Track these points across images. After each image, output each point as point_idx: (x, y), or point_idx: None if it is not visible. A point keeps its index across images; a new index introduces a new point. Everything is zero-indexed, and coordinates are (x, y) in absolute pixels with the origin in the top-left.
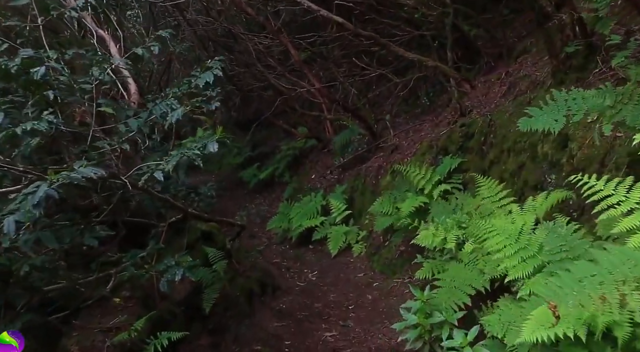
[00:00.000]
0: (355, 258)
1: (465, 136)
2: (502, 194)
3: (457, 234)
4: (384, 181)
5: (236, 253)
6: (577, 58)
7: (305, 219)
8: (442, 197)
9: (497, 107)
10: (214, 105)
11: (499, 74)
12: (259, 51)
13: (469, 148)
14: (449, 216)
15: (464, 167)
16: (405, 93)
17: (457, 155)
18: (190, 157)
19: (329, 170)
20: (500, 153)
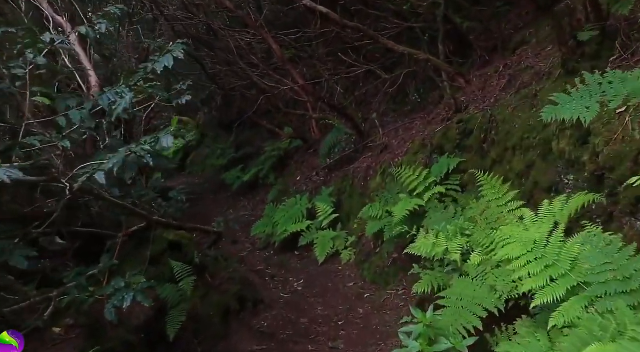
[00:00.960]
0: (344, 265)
1: (463, 133)
2: (509, 196)
3: (460, 244)
4: (374, 183)
5: (213, 264)
6: (590, 45)
7: (291, 223)
8: (438, 200)
9: (498, 102)
10: (184, 99)
11: (496, 68)
12: (241, 48)
13: (467, 146)
14: (449, 221)
15: (462, 168)
16: (394, 90)
17: (454, 154)
18: (139, 154)
19: (315, 171)
20: (503, 151)
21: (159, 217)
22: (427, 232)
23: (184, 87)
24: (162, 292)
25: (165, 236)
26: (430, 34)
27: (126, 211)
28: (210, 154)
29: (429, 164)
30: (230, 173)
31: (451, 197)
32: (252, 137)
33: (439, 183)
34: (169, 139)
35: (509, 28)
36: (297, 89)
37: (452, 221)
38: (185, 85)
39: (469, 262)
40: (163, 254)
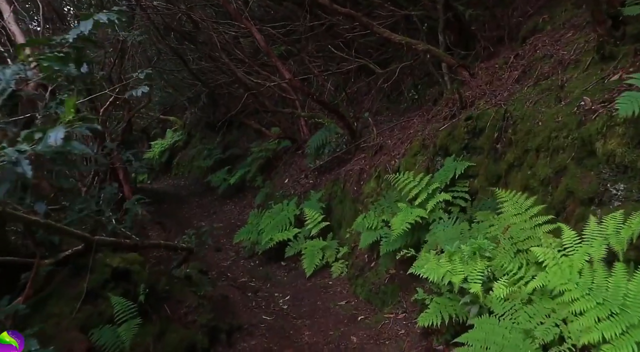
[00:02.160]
0: (334, 280)
1: (472, 132)
2: (535, 209)
3: (480, 270)
4: (367, 187)
5: (180, 288)
6: (634, 23)
7: (277, 231)
8: (443, 210)
9: (513, 96)
10: (139, 91)
11: (504, 58)
12: (225, 42)
13: (477, 147)
14: (463, 239)
15: (470, 172)
16: (388, 87)
17: (461, 156)
18: (8, 160)
19: (304, 174)
20: (523, 153)
21: (106, 236)
22: (434, 250)
23: (142, 75)
24: (99, 337)
25: (109, 262)
26: (430, 24)
27: (52, 230)
28: (197, 155)
29: (432, 167)
30: (216, 175)
31: (458, 206)
32: (240, 138)
33: (443, 190)
34: (59, 134)
35: (516, 15)
36: (285, 86)
37: (466, 239)
38: (143, 74)
39: (492, 294)
40: (105, 285)
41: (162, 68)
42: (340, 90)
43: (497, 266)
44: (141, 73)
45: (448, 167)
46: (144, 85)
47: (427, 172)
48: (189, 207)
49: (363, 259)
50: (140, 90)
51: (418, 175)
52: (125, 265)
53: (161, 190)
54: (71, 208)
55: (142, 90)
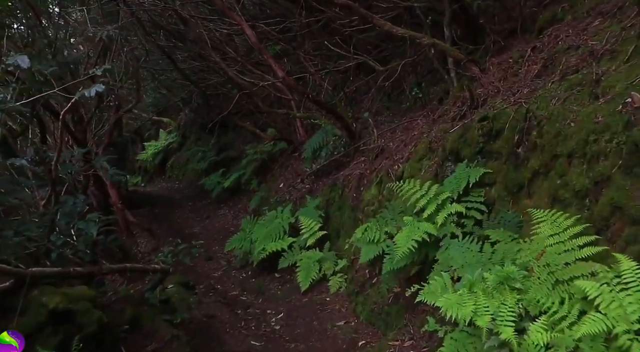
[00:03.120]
0: (332, 296)
1: (488, 135)
2: (576, 229)
3: (511, 306)
4: (368, 195)
5: (151, 318)
6: None
7: (270, 240)
8: (456, 224)
9: (535, 92)
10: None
11: (520, 52)
12: (216, 40)
13: (493, 152)
14: (485, 264)
15: (486, 180)
16: (389, 86)
17: (476, 162)
18: None
19: (300, 178)
20: (551, 159)
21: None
22: (446, 271)
23: (99, 71)
24: None
25: (46, 301)
26: (434, 17)
27: None
28: (191, 157)
29: (441, 174)
30: (210, 178)
31: (472, 219)
32: (235, 139)
33: (455, 200)
34: None
35: (530, 6)
36: (279, 85)
37: (489, 264)
38: (101, 70)
39: (527, 339)
40: (41, 330)
41: (152, 68)
42: (338, 90)
43: (531, 300)
44: (98, 69)
45: (460, 174)
46: (99, 83)
47: (435, 180)
48: (182, 212)
49: (364, 274)
50: (93, 90)
51: (425, 182)
52: (67, 303)
53: (154, 193)
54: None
55: (95, 90)
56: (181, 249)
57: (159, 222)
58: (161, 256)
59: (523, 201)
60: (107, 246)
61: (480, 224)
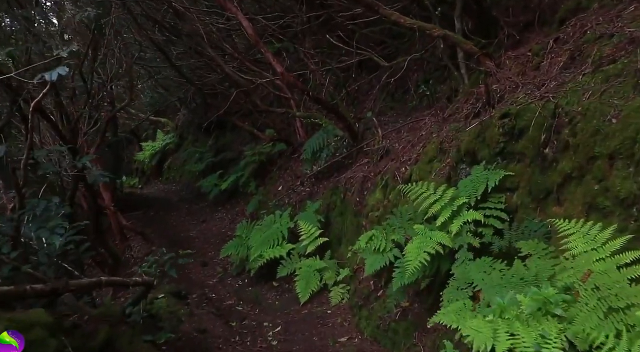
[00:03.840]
0: (333, 308)
1: (510, 134)
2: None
3: (554, 339)
4: (372, 199)
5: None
6: None
7: (267, 247)
8: (473, 234)
9: (563, 86)
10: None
11: (540, 44)
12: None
13: (516, 153)
14: (516, 286)
15: (507, 184)
16: (392, 84)
17: (495, 163)
18: None
19: (299, 180)
20: (587, 161)
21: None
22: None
23: (64, 53)
24: None
25: None
26: (444, 9)
27: None
28: (188, 159)
29: (454, 177)
30: (207, 180)
31: (491, 228)
32: (234, 140)
33: (472, 206)
34: None
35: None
36: (279, 83)
37: (519, 284)
38: (66, 52)
39: None
40: None
41: (148, 65)
42: (340, 89)
43: (577, 332)
44: (64, 51)
45: (477, 177)
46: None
47: (448, 183)
48: (178, 215)
49: (368, 285)
50: (55, 73)
51: (439, 187)
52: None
53: (151, 195)
54: None
55: (58, 73)
56: (167, 259)
57: (154, 226)
58: (145, 266)
59: (551, 208)
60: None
61: (501, 234)
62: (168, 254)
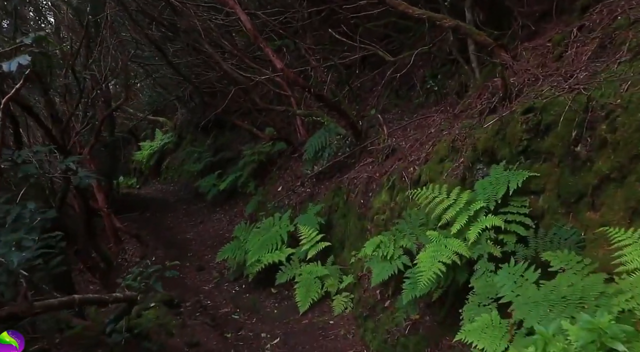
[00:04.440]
0: (336, 318)
1: (535, 130)
2: None
3: None
4: (378, 201)
5: None
6: None
7: (266, 251)
8: (494, 242)
9: (596, 77)
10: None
11: (561, 34)
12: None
13: (541, 151)
14: (555, 306)
15: (532, 186)
16: (397, 82)
17: (517, 163)
18: None
19: (300, 181)
20: (629, 160)
21: None
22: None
23: (28, 40)
24: None
25: None
26: (453, 1)
27: None
28: (187, 158)
29: (469, 178)
30: (205, 180)
31: (514, 235)
32: (233, 140)
33: (491, 211)
34: None
35: None
36: (279, 80)
37: (562, 306)
38: (30, 38)
39: None
40: None
41: (144, 63)
42: (343, 85)
43: None
44: (28, 37)
45: (497, 178)
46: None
47: (462, 185)
48: (175, 216)
49: (374, 294)
50: (15, 62)
51: (453, 190)
52: None
53: (148, 196)
54: None
55: (18, 62)
56: (152, 271)
57: (150, 227)
58: (129, 278)
59: (584, 213)
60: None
61: (526, 242)
62: (154, 266)
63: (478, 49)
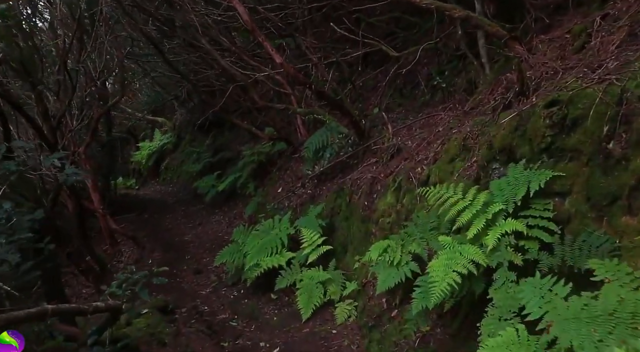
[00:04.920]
0: (339, 327)
1: (560, 126)
2: None
3: None
4: (383, 203)
5: None
6: None
7: (265, 255)
8: (514, 249)
9: (629, 66)
10: None
11: (582, 25)
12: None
13: (567, 149)
14: (602, 326)
15: (556, 187)
16: (400, 80)
17: (540, 161)
18: None
19: (300, 182)
20: None
21: None
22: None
23: None
24: None
25: None
26: None
27: None
28: (186, 159)
29: (484, 178)
30: (204, 181)
31: (537, 241)
32: (232, 140)
33: (510, 214)
34: None
35: None
36: (279, 78)
37: (608, 323)
38: None
39: None
40: None
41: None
42: (345, 83)
43: None
44: None
45: (516, 178)
46: None
47: (476, 185)
48: (174, 217)
49: (379, 303)
50: None
51: (469, 190)
52: None
53: (146, 197)
54: None
55: None
56: (137, 278)
57: (148, 229)
58: (113, 286)
59: (619, 218)
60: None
61: (550, 250)
62: (140, 272)
63: (489, 43)
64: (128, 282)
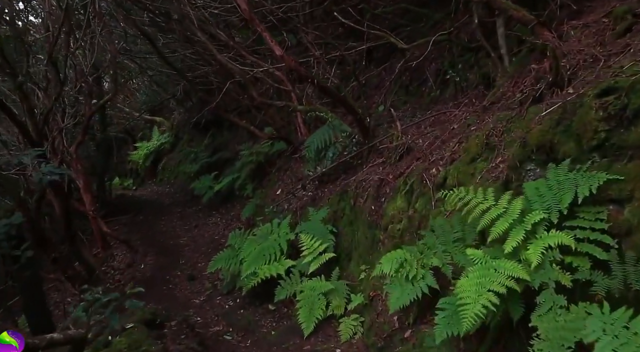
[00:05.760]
0: (343, 346)
1: (616, 119)
2: None
3: None
4: (392, 207)
5: None
6: None
7: (263, 262)
8: (561, 266)
9: None
10: None
11: (624, 6)
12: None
13: (626, 146)
14: None
15: (611, 193)
16: (407, 77)
17: (590, 162)
18: None
19: (301, 183)
20: None
21: None
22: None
23: None
24: None
25: None
26: None
27: None
28: (183, 159)
29: (515, 181)
30: (201, 181)
31: (588, 258)
32: (231, 139)
33: (554, 225)
34: None
35: None
36: (278, 75)
37: None
38: None
39: None
40: None
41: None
42: (348, 80)
43: None
44: None
45: (558, 182)
46: None
47: (505, 190)
48: (169, 219)
49: (390, 320)
50: None
51: (504, 196)
52: None
53: (143, 198)
54: None
55: None
56: (107, 301)
57: (142, 232)
58: (79, 310)
59: None
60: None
61: (607, 269)
62: (110, 294)
63: (509, 31)
64: (96, 305)
